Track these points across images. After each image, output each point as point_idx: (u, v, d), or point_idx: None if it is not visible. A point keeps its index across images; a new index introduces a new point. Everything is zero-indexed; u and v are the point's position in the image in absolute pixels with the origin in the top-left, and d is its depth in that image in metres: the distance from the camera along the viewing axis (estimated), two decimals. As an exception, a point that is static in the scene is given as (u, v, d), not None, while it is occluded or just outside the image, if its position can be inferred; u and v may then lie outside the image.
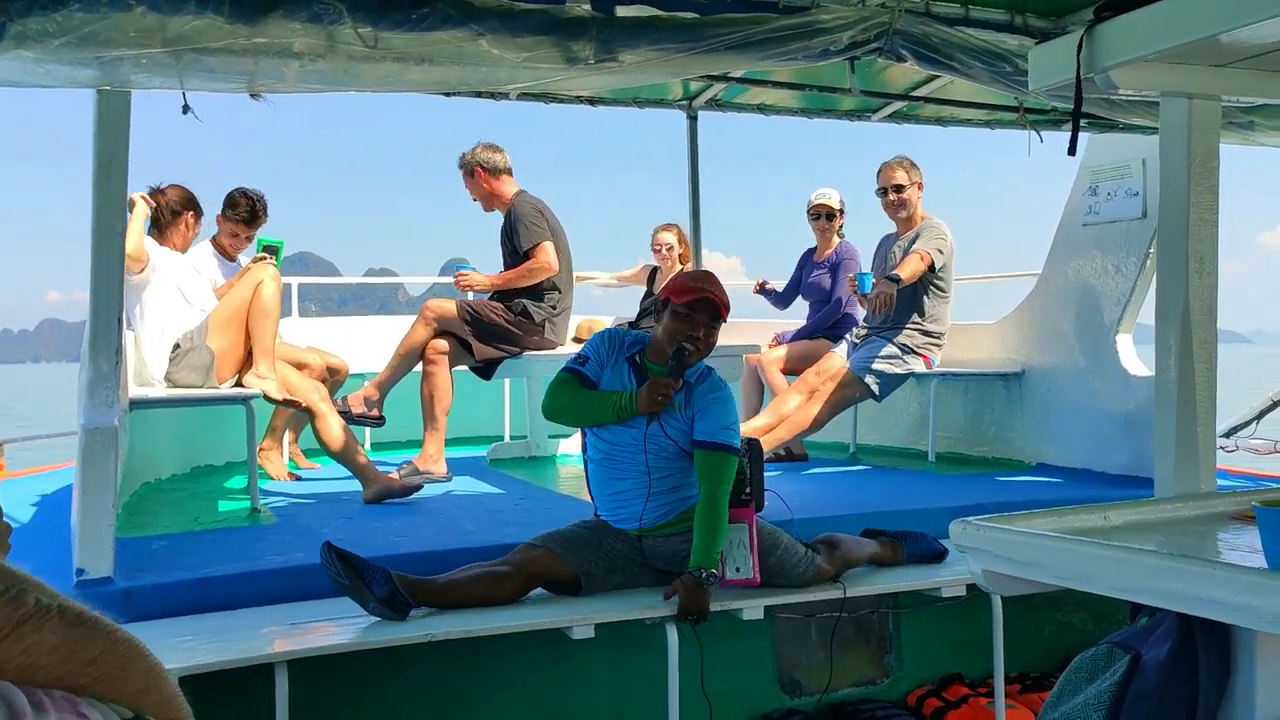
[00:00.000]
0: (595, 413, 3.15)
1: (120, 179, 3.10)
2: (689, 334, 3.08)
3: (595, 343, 3.27)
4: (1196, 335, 2.16)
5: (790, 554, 3.21)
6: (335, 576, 2.80)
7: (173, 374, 4.53)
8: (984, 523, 1.71)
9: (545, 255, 5.13)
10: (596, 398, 3.15)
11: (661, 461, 3.13)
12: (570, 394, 3.18)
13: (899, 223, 5.56)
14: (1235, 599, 1.26)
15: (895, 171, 5.47)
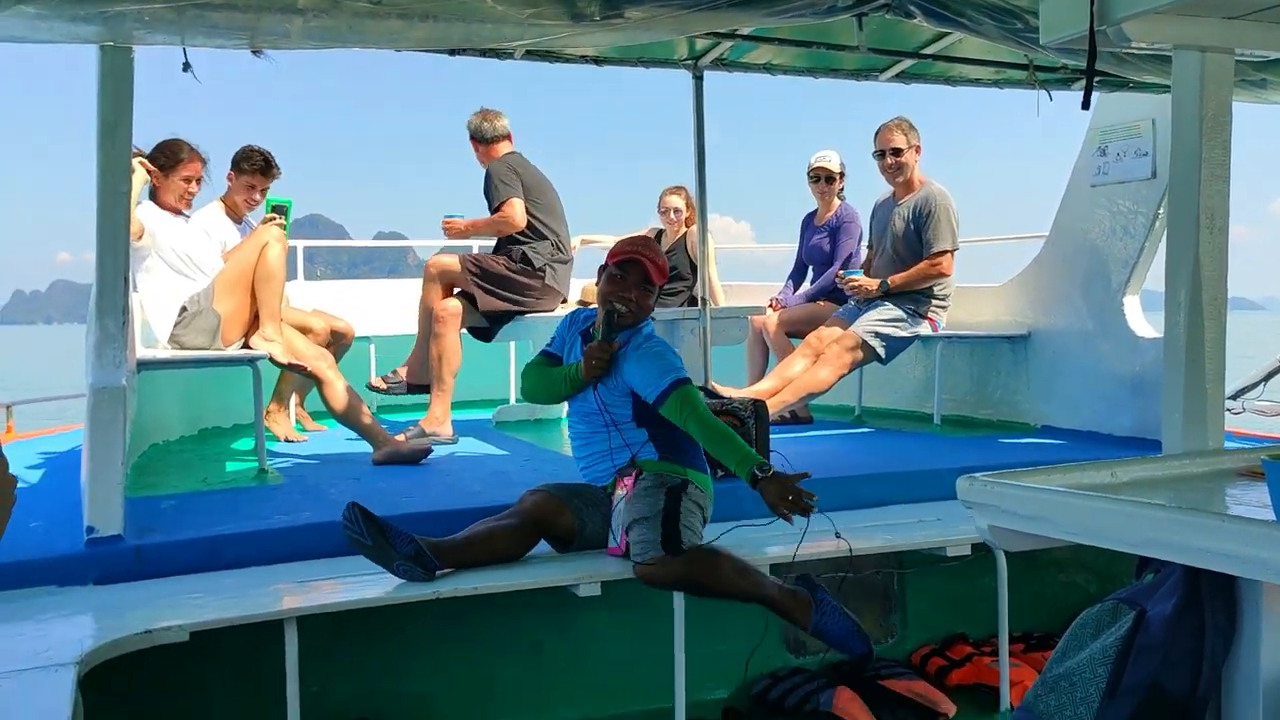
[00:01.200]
0: (555, 388, 3.31)
1: (125, 139, 3.08)
2: (620, 294, 3.16)
3: (561, 324, 3.43)
4: (1206, 292, 2.14)
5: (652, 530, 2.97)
6: (357, 536, 2.80)
7: (179, 336, 4.54)
8: (991, 478, 1.71)
9: (511, 210, 5.21)
10: (553, 374, 3.31)
11: (620, 422, 3.21)
12: (535, 374, 3.38)
13: (896, 187, 5.52)
14: (1244, 551, 1.26)
15: (893, 134, 5.43)
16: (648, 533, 2.91)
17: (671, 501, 3.02)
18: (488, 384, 7.25)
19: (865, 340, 5.30)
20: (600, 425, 3.23)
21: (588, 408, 3.26)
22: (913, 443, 5.12)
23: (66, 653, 2.28)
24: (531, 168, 5.43)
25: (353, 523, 2.81)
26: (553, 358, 3.39)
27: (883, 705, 3.26)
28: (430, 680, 3.11)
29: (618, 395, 3.21)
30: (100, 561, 2.92)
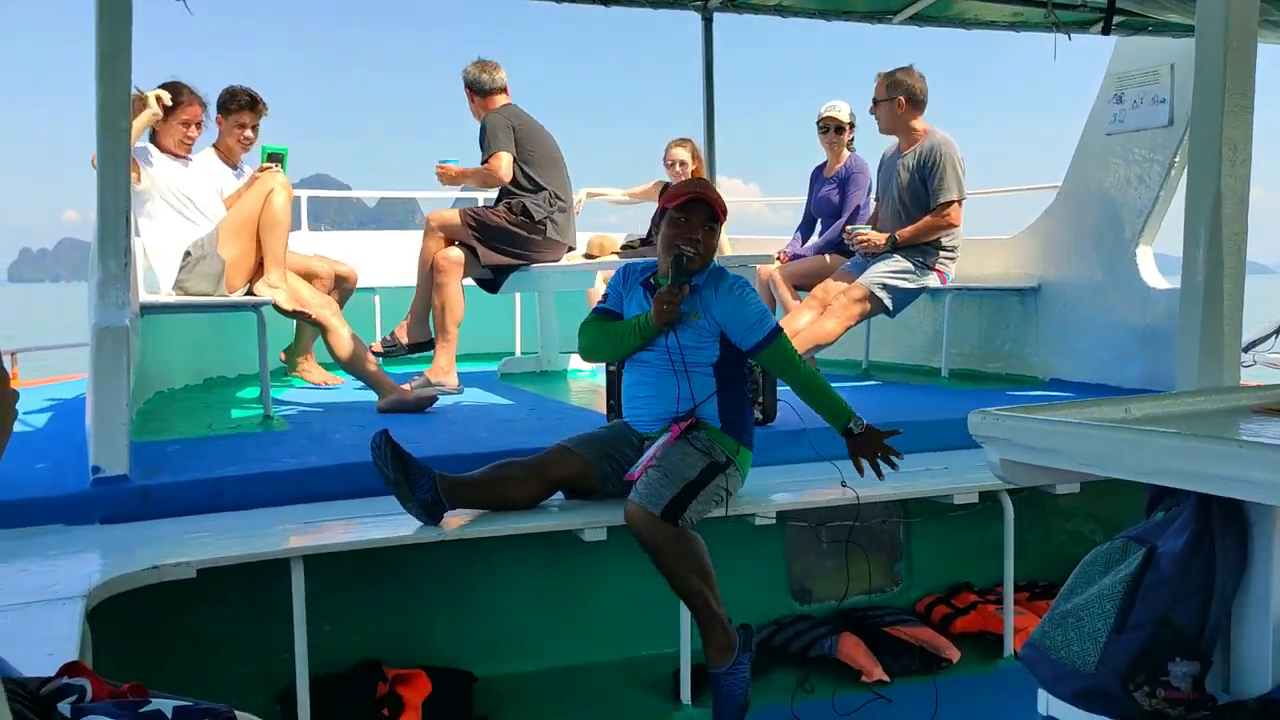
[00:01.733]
0: (621, 341, 3.13)
1: (124, 73, 3.04)
2: (687, 237, 3.00)
3: (614, 279, 3.26)
4: (1227, 228, 2.10)
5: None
6: (383, 468, 2.76)
7: (183, 282, 4.52)
8: (1003, 412, 1.69)
9: (497, 164, 5.18)
10: (618, 327, 3.14)
11: (693, 369, 3.06)
12: (596, 330, 3.20)
13: (900, 138, 5.47)
14: (1260, 476, 1.24)
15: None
16: (663, 487, 2.82)
17: (705, 476, 2.89)
18: (493, 337, 7.23)
19: (873, 292, 5.26)
20: (668, 372, 3.07)
21: (655, 354, 3.09)
22: (920, 395, 5.11)
23: (74, 587, 2.28)
24: (529, 120, 5.38)
25: (380, 454, 2.77)
26: (610, 314, 3.21)
27: (887, 651, 3.27)
28: (437, 622, 3.12)
29: (706, 338, 3.06)
30: (106, 501, 2.93)
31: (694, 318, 3.04)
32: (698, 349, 3.05)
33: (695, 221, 3.02)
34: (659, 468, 2.86)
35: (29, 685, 1.21)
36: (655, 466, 2.87)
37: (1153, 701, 1.69)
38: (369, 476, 3.23)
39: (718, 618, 2.81)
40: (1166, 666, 1.70)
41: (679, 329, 3.03)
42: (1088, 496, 3.80)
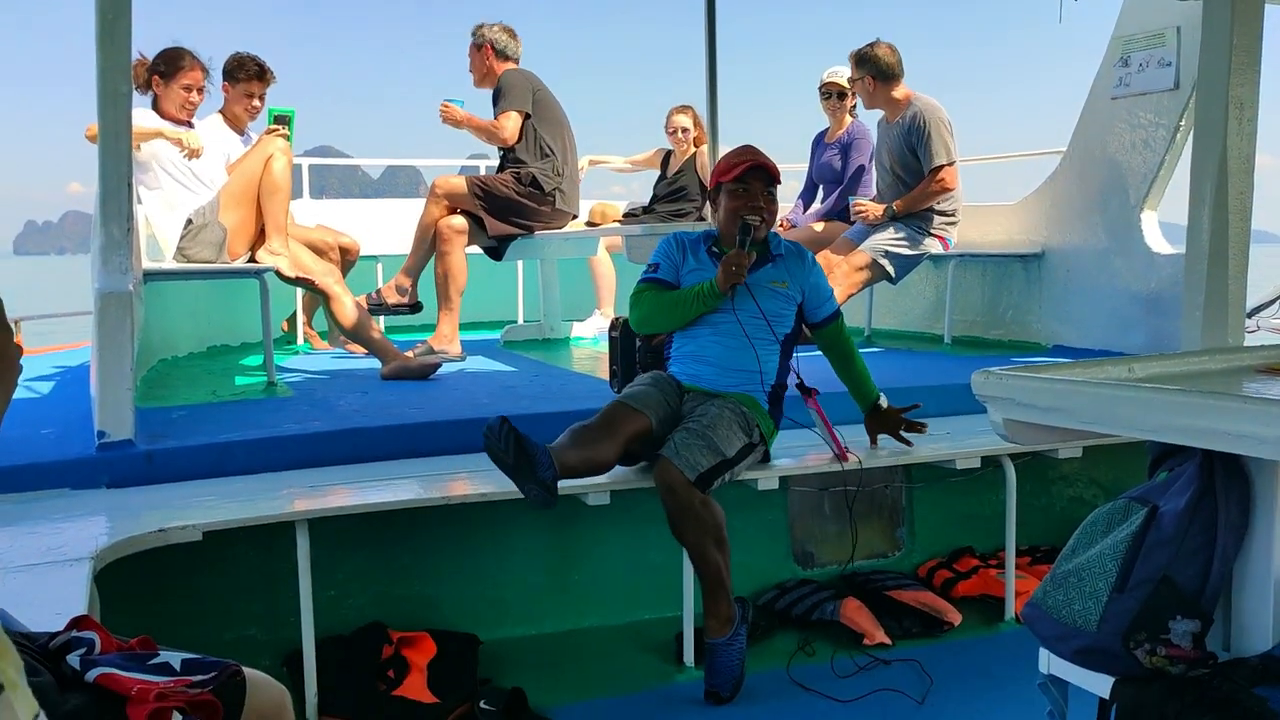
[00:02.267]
0: (683, 309, 3.10)
1: (124, 38, 3.02)
2: (750, 205, 3.04)
3: (663, 248, 3.22)
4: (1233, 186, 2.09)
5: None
6: (501, 454, 2.65)
7: (186, 249, 4.51)
8: (1006, 371, 1.68)
9: (506, 121, 5.16)
10: (680, 294, 3.11)
11: (754, 333, 3.09)
12: (654, 299, 3.14)
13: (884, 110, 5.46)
14: (1263, 432, 1.24)
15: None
16: (700, 455, 2.79)
17: (739, 456, 2.91)
18: (496, 305, 7.23)
19: (875, 260, 5.26)
20: (740, 341, 3.08)
21: (727, 321, 3.09)
22: (922, 361, 5.11)
23: (81, 549, 2.30)
24: (545, 87, 5.35)
25: (498, 437, 2.65)
26: (664, 284, 3.16)
27: (889, 615, 3.28)
28: (441, 586, 3.14)
29: (788, 307, 3.13)
30: (112, 465, 2.94)
31: (782, 286, 3.12)
32: (779, 318, 3.11)
33: (755, 189, 3.06)
34: (697, 431, 2.85)
35: (38, 639, 1.23)
36: (692, 429, 2.86)
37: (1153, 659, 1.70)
38: (372, 441, 3.26)
39: (725, 589, 2.83)
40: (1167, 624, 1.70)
41: (762, 296, 3.07)
42: (1089, 461, 3.81)
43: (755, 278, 3.10)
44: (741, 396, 3.06)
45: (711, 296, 3.04)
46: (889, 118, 5.43)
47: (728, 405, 2.98)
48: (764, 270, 3.13)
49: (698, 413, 2.96)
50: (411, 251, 5.22)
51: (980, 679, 2.93)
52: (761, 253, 3.14)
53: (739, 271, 2.99)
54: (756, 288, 3.08)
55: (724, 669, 2.79)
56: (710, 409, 2.95)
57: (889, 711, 2.72)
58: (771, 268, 3.14)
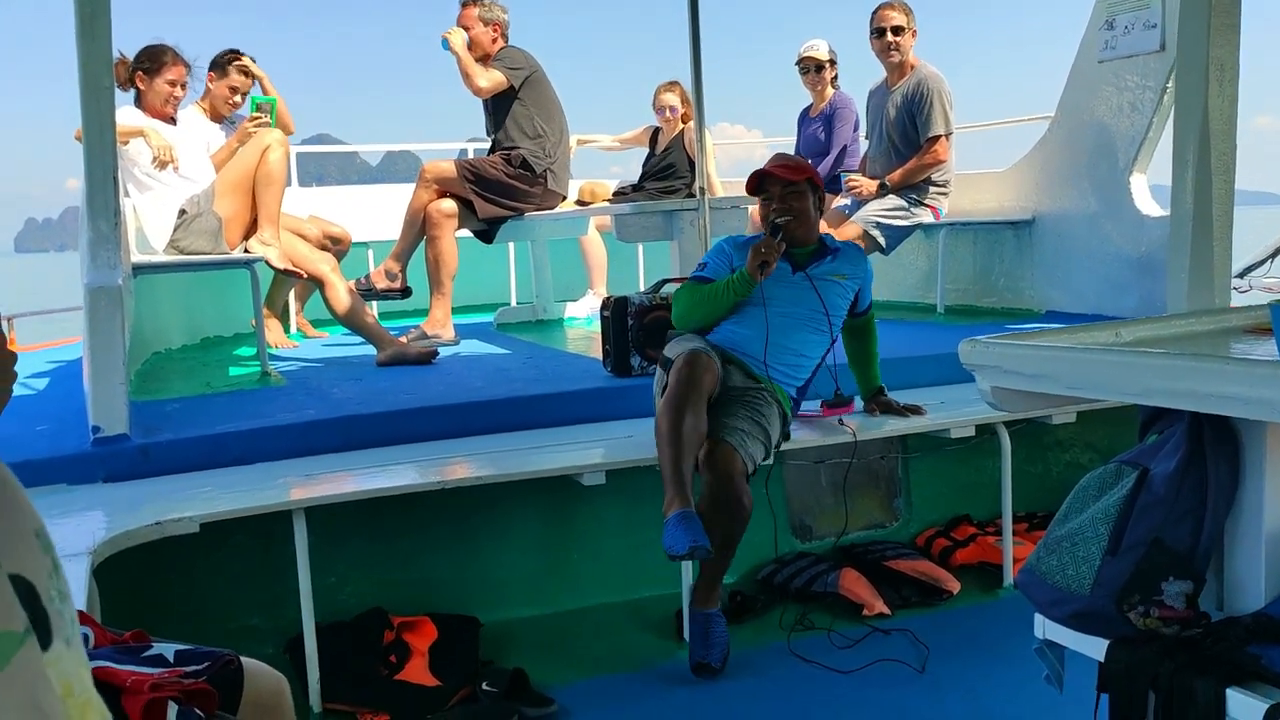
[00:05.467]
0: (716, 299, 3.17)
1: (104, 33, 3.00)
2: (775, 208, 3.17)
3: (716, 249, 3.34)
4: (1215, 147, 2.09)
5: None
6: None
7: (180, 240, 4.49)
8: (993, 339, 1.69)
9: (490, 74, 5.16)
10: (714, 286, 3.18)
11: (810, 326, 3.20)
12: (690, 292, 3.23)
13: (891, 69, 5.40)
14: (1248, 393, 1.24)
15: (893, 12, 5.29)
16: (755, 446, 2.89)
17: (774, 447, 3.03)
18: (489, 288, 7.22)
19: (866, 231, 5.25)
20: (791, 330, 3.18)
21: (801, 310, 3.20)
22: (916, 331, 5.11)
23: (79, 543, 2.31)
24: (542, 68, 5.35)
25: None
26: (704, 280, 3.25)
27: (888, 585, 3.30)
28: (441, 569, 3.16)
29: (848, 299, 3.29)
30: (108, 460, 2.94)
31: (843, 279, 3.26)
32: (837, 312, 3.26)
33: (775, 193, 3.20)
34: (757, 422, 2.93)
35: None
36: (752, 419, 2.92)
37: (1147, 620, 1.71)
38: (367, 429, 3.26)
39: (724, 571, 2.92)
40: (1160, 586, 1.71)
41: (826, 289, 3.21)
42: (1083, 426, 3.82)
43: (819, 270, 3.22)
44: (779, 390, 3.11)
45: (742, 283, 3.11)
46: (891, 80, 5.40)
47: (772, 398, 3.05)
48: (826, 264, 3.25)
49: (750, 396, 3.01)
50: (400, 237, 5.21)
51: (980, 646, 2.95)
52: (820, 250, 3.28)
53: (768, 253, 3.06)
54: (821, 281, 3.21)
55: (717, 640, 2.81)
56: (759, 397, 3.01)
57: (890, 681, 2.74)
58: (832, 261, 3.26)
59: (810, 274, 3.23)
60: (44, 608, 0.68)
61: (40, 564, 0.69)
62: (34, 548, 0.69)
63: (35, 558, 0.69)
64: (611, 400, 3.55)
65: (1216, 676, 1.56)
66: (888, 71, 5.42)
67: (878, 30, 5.32)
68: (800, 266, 3.24)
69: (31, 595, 0.67)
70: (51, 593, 0.69)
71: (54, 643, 0.68)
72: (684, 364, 2.85)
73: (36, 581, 0.68)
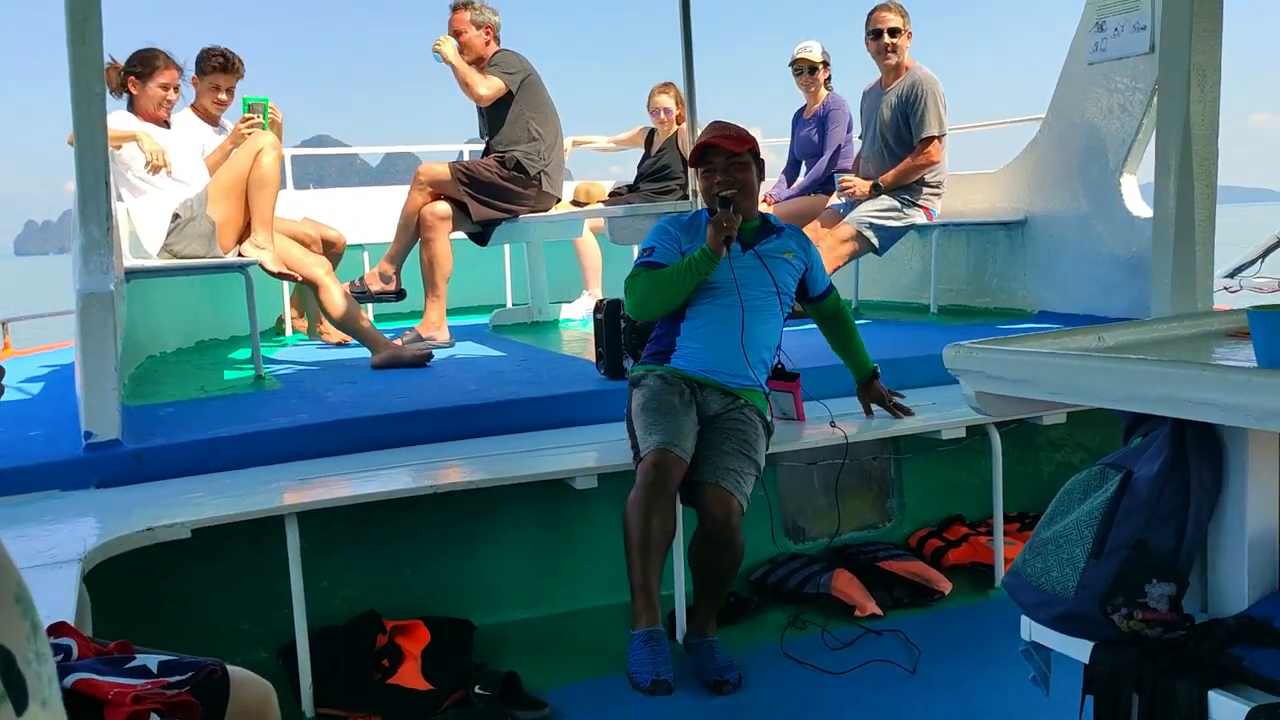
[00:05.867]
0: (679, 282, 3.01)
1: (95, 37, 3.01)
2: (717, 180, 3.05)
3: (658, 231, 3.17)
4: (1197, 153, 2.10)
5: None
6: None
7: (173, 244, 4.50)
8: (977, 344, 1.70)
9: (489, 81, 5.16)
10: (673, 268, 3.03)
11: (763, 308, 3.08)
12: (648, 279, 3.06)
13: (886, 71, 5.41)
14: (1226, 399, 1.25)
15: (889, 14, 5.30)
16: (748, 480, 2.83)
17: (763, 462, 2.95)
18: (484, 290, 7.23)
19: (860, 231, 5.26)
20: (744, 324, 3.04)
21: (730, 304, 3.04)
22: (909, 332, 5.13)
23: (71, 550, 2.31)
24: (536, 72, 5.36)
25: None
26: (656, 265, 3.09)
27: (880, 586, 3.31)
28: (434, 573, 3.16)
29: (795, 278, 3.16)
30: (101, 465, 2.95)
31: (791, 256, 3.14)
32: (788, 291, 3.13)
33: (718, 164, 3.06)
34: (744, 454, 2.86)
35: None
36: (739, 452, 2.85)
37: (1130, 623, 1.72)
38: (361, 432, 3.27)
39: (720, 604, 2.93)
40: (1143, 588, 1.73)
41: (776, 268, 3.08)
42: (1074, 426, 3.83)
43: (766, 248, 3.12)
44: (754, 395, 3.06)
45: (705, 261, 2.97)
46: (885, 81, 5.41)
47: (754, 413, 2.99)
48: (773, 241, 3.15)
49: (733, 420, 2.94)
50: (395, 239, 5.22)
51: (971, 646, 2.96)
52: (765, 226, 3.18)
53: (730, 227, 2.93)
54: (770, 259, 3.10)
55: (723, 659, 2.80)
56: (741, 418, 2.95)
57: (882, 682, 2.75)
58: (778, 239, 3.16)
59: (759, 251, 3.11)
60: (20, 672, 0.68)
61: (18, 629, 0.70)
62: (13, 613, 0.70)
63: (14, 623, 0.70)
64: (605, 403, 3.56)
65: (1199, 679, 1.57)
66: (882, 73, 5.44)
67: (874, 32, 5.33)
68: (748, 244, 3.12)
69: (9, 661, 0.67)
70: (29, 655, 0.70)
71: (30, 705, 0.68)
72: (652, 465, 2.75)
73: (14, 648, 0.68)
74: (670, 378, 3.00)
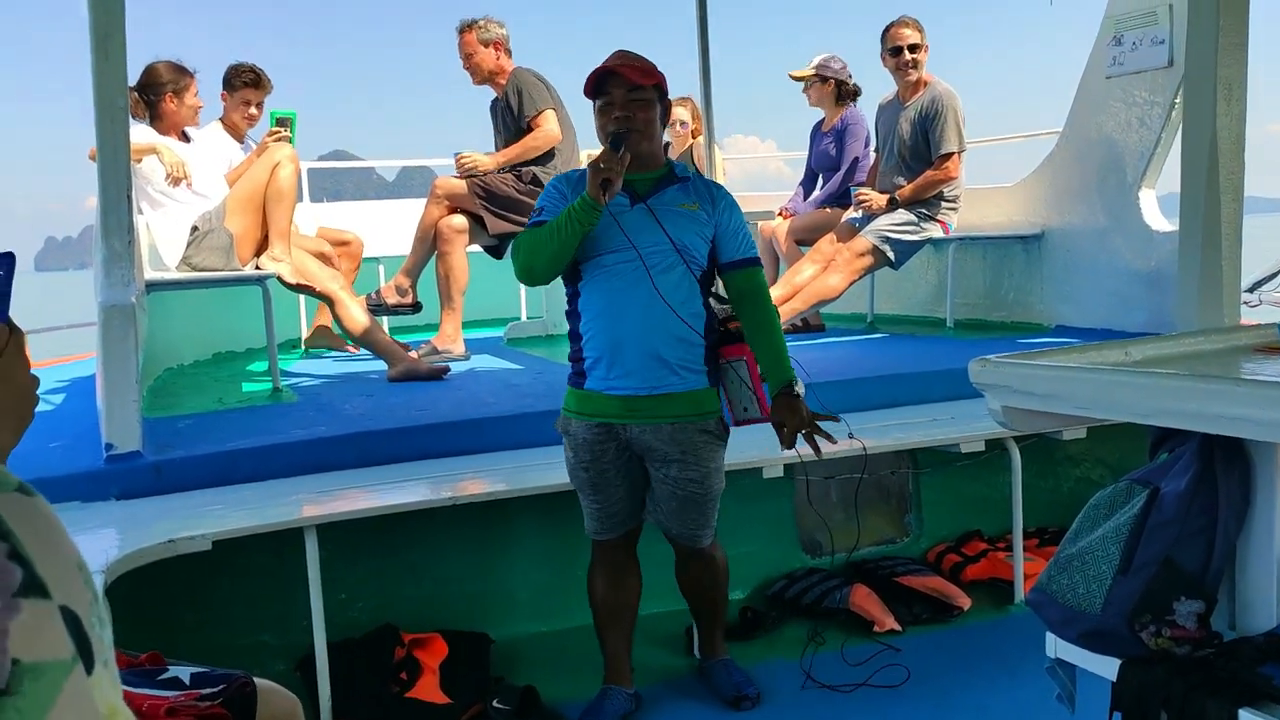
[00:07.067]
0: (559, 237, 2.50)
1: (119, 53, 3.04)
2: (615, 117, 2.52)
3: (550, 189, 2.70)
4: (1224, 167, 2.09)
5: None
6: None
7: (191, 257, 4.52)
8: (1003, 359, 1.70)
9: (548, 124, 5.05)
10: (552, 224, 2.53)
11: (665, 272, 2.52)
12: (530, 238, 2.59)
13: (905, 87, 5.41)
14: (1259, 414, 1.24)
15: (908, 30, 5.30)
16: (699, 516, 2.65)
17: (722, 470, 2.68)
18: (499, 303, 7.24)
19: (876, 245, 5.25)
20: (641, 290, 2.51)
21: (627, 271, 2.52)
22: (925, 346, 5.11)
23: (92, 563, 2.29)
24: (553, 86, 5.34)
25: None
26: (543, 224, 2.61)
27: (899, 601, 3.29)
28: (451, 586, 3.16)
29: (702, 236, 2.58)
30: (121, 477, 2.96)
31: (692, 208, 2.58)
32: (694, 248, 2.55)
33: (617, 99, 2.53)
34: (696, 499, 2.61)
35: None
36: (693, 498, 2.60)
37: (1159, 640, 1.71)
38: (379, 445, 3.28)
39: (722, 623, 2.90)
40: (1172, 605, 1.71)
41: (671, 225, 2.52)
42: (1094, 441, 3.81)
43: (659, 200, 2.56)
44: (687, 400, 2.57)
45: (585, 210, 2.46)
46: (905, 96, 5.41)
47: (695, 429, 2.57)
48: (668, 192, 2.58)
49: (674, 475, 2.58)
50: (411, 252, 5.23)
51: (991, 663, 2.94)
52: (668, 177, 2.62)
53: (608, 169, 2.43)
54: (663, 212, 2.54)
55: (739, 675, 2.81)
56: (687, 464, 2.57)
57: (900, 699, 2.73)
58: (678, 190, 2.59)
59: (651, 205, 2.55)
60: (86, 634, 0.74)
61: (83, 595, 0.75)
62: (78, 580, 0.76)
63: (79, 590, 0.75)
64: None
65: (1229, 697, 1.56)
66: (901, 88, 5.43)
67: (894, 49, 5.33)
68: (640, 197, 2.57)
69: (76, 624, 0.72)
70: (93, 619, 0.75)
71: (95, 666, 0.73)
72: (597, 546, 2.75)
73: (80, 612, 0.74)
74: (590, 432, 2.59)
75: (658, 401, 2.53)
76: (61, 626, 0.71)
